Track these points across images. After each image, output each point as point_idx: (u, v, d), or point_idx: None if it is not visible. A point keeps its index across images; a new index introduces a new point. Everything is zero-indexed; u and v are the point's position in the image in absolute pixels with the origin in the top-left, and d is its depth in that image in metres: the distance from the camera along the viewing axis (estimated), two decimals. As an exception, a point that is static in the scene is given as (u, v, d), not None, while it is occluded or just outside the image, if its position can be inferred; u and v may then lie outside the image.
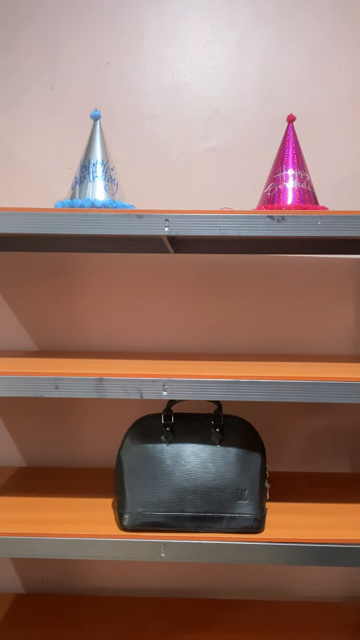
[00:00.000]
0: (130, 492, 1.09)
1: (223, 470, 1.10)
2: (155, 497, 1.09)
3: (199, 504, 1.09)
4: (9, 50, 1.43)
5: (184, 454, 1.10)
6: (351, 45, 1.41)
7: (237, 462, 1.10)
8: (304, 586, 1.54)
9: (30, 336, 1.49)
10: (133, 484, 1.10)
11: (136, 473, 1.10)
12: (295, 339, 1.47)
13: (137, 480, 1.10)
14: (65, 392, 1.03)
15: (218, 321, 1.47)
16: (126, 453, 1.11)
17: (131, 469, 1.10)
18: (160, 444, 1.11)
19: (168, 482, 1.09)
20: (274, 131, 1.31)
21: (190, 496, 1.09)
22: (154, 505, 1.08)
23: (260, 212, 1.04)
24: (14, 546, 1.06)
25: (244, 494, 1.10)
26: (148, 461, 1.10)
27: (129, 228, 1.02)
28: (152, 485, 1.09)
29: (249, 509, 1.09)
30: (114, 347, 1.47)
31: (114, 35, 1.43)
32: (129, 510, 1.09)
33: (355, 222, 1.01)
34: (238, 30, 1.41)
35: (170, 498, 1.09)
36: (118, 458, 1.12)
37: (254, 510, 1.09)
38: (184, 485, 1.09)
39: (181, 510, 1.08)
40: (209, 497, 1.09)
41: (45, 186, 1.44)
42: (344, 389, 1.01)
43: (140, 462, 1.10)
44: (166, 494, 1.09)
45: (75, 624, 1.37)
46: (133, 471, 1.10)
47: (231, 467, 1.10)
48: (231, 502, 1.09)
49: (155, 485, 1.09)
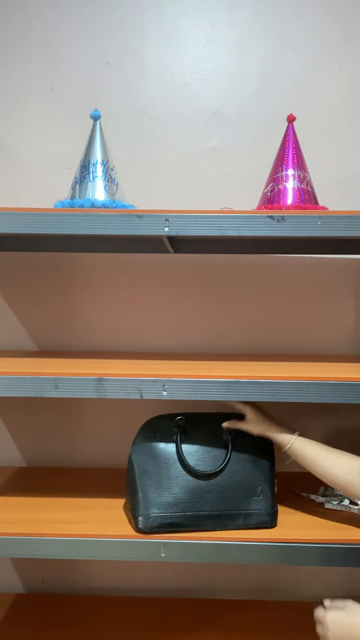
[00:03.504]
0: (144, 493, 1.07)
1: (236, 467, 1.10)
2: (171, 497, 1.07)
3: (215, 503, 1.08)
4: (9, 50, 1.43)
5: (197, 453, 1.10)
6: (351, 45, 1.41)
7: (249, 459, 1.11)
8: (304, 586, 1.54)
9: (30, 336, 1.49)
10: (147, 485, 1.08)
11: (149, 474, 1.08)
12: (295, 339, 1.46)
13: (151, 482, 1.08)
14: (65, 392, 1.03)
15: (218, 321, 1.47)
16: (138, 454, 1.10)
17: (144, 470, 1.09)
18: (172, 444, 1.10)
19: (183, 482, 1.08)
20: (274, 131, 1.31)
21: (207, 495, 1.08)
22: (170, 506, 1.07)
23: (260, 212, 1.05)
24: (14, 546, 1.06)
25: (257, 490, 1.10)
26: (161, 462, 1.09)
27: (129, 228, 1.02)
28: (167, 486, 1.08)
29: (263, 504, 1.10)
30: (114, 347, 1.47)
31: (114, 35, 1.43)
32: (144, 512, 1.07)
33: (355, 222, 1.01)
34: (238, 30, 1.41)
35: (186, 498, 1.08)
36: (130, 460, 1.11)
37: (268, 505, 1.10)
38: (199, 484, 1.08)
39: (198, 510, 1.08)
40: (225, 495, 1.09)
41: (45, 186, 1.44)
42: (344, 389, 1.01)
43: (152, 463, 1.09)
44: (182, 494, 1.08)
45: (75, 624, 1.37)
46: (146, 473, 1.09)
47: (244, 464, 1.11)
48: (246, 499, 1.09)
49: (170, 486, 1.08)
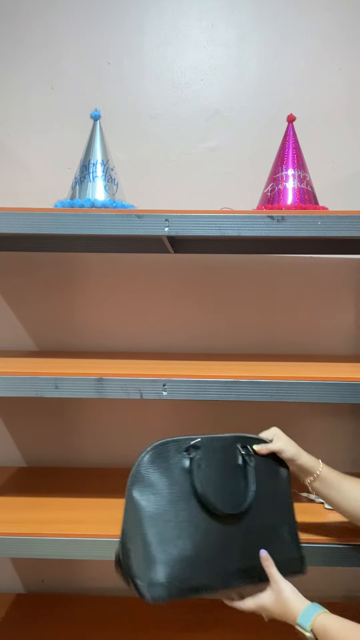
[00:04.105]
0: (157, 548, 0.78)
1: (260, 503, 0.86)
2: (193, 550, 0.78)
3: (244, 553, 0.83)
4: (9, 50, 1.43)
5: (212, 487, 0.84)
6: (351, 46, 1.41)
7: (271, 491, 0.88)
8: (304, 586, 1.53)
9: (30, 336, 1.49)
10: (160, 536, 0.78)
11: (162, 520, 0.79)
12: (295, 339, 1.46)
13: (165, 531, 0.78)
14: (65, 392, 1.03)
15: (218, 321, 1.47)
16: (143, 490, 0.81)
17: (154, 515, 0.79)
18: (188, 477, 0.83)
19: (209, 527, 0.80)
20: (274, 131, 1.31)
21: (233, 542, 0.82)
22: (192, 563, 0.77)
23: (260, 212, 1.05)
24: (14, 546, 1.06)
25: (283, 530, 0.88)
26: (176, 502, 0.81)
27: (129, 228, 1.02)
28: (188, 535, 0.78)
29: (293, 547, 0.88)
30: (114, 347, 1.47)
31: (114, 35, 1.42)
32: (158, 577, 0.76)
33: (355, 222, 1.01)
34: (238, 30, 1.41)
35: (207, 549, 0.79)
36: (130, 497, 0.82)
37: (296, 547, 0.89)
38: (221, 528, 0.81)
39: (224, 566, 0.81)
40: (252, 541, 0.84)
41: (45, 186, 1.44)
42: (344, 389, 1.01)
43: (165, 503, 0.80)
44: (207, 545, 0.80)
45: (75, 624, 1.37)
46: (158, 518, 0.79)
47: (266, 498, 0.87)
48: (273, 543, 0.86)
49: (193, 535, 0.78)
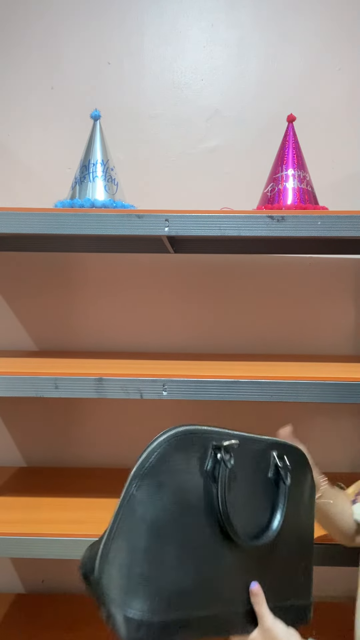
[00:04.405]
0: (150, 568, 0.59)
1: (285, 530, 0.68)
2: (194, 581, 0.59)
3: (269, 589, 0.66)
4: (9, 50, 1.43)
5: (245, 506, 0.66)
6: (351, 46, 1.41)
7: (296, 517, 0.72)
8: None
9: (30, 336, 1.49)
10: (165, 559, 0.59)
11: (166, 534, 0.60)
12: (295, 339, 1.46)
13: (172, 553, 0.59)
14: (65, 392, 1.03)
15: (218, 321, 1.47)
16: (151, 491, 0.60)
17: (157, 524, 0.60)
18: (209, 485, 0.63)
19: (218, 554, 0.62)
20: (274, 131, 1.31)
21: (253, 579, 0.65)
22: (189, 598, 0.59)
23: (260, 212, 1.05)
24: (14, 546, 1.06)
25: (300, 568, 0.72)
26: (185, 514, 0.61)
27: (129, 228, 1.02)
28: (191, 559, 0.60)
29: (306, 591, 0.72)
30: (114, 347, 1.47)
31: (114, 35, 1.42)
32: (152, 612, 0.58)
33: (355, 222, 1.01)
34: (238, 30, 1.41)
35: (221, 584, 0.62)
36: (131, 497, 0.61)
37: (308, 592, 0.72)
38: (243, 562, 0.63)
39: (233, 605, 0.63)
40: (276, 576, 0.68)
41: (45, 186, 1.44)
42: (344, 389, 1.01)
43: (175, 512, 0.60)
44: (213, 577, 0.61)
45: (75, 624, 1.37)
46: (161, 530, 0.59)
47: (291, 526, 0.70)
48: (291, 582, 0.70)
49: (197, 561, 0.60)
